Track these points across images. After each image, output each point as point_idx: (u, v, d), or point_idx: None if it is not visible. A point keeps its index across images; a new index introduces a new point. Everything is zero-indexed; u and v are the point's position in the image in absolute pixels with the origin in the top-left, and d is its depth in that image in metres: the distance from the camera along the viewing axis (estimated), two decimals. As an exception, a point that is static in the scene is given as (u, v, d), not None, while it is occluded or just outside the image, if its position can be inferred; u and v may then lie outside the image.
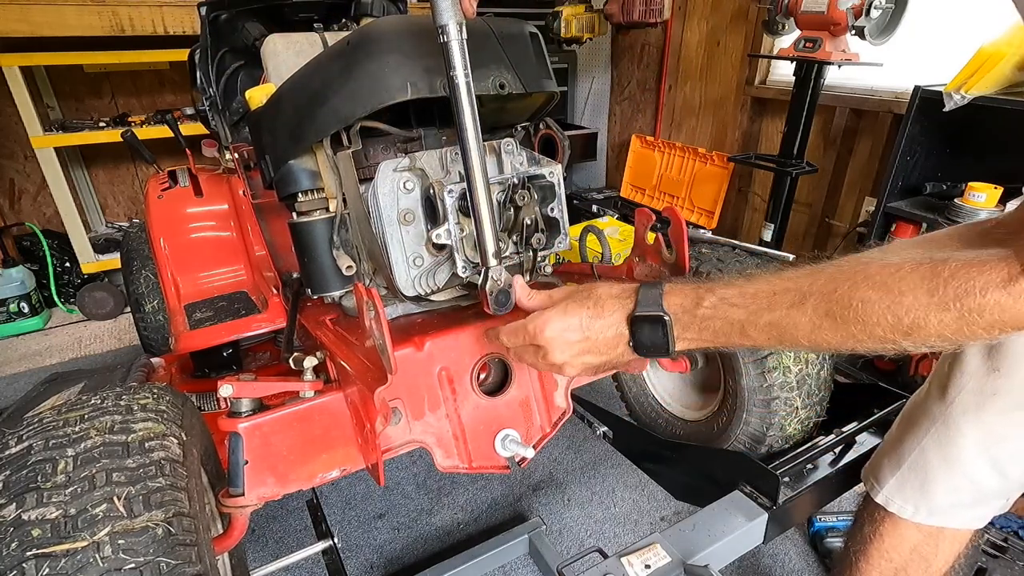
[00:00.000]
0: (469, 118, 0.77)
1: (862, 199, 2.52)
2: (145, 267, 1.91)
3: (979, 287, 0.56)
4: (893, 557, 1.03)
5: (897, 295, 0.60)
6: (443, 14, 0.71)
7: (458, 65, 0.74)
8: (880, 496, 1.01)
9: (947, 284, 0.57)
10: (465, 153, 0.79)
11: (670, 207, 0.95)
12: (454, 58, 0.74)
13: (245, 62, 1.34)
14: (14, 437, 0.70)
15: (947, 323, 0.58)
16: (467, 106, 0.76)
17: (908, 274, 0.60)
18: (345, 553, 1.59)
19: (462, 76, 0.75)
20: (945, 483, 0.94)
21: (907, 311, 0.59)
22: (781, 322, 0.67)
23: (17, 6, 2.38)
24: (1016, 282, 0.55)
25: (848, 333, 0.63)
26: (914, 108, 1.89)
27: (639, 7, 2.91)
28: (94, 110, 3.18)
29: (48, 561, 0.58)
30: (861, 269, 0.64)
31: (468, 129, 0.77)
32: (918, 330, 0.59)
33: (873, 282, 0.61)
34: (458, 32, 0.72)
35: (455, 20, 0.72)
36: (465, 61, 0.74)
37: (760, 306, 0.68)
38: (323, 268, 1.06)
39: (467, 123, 0.77)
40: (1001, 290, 0.55)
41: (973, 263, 0.57)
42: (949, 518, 0.97)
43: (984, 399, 0.88)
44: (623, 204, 3.52)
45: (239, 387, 0.85)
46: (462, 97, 0.76)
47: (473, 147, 0.78)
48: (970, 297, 0.56)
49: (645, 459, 1.54)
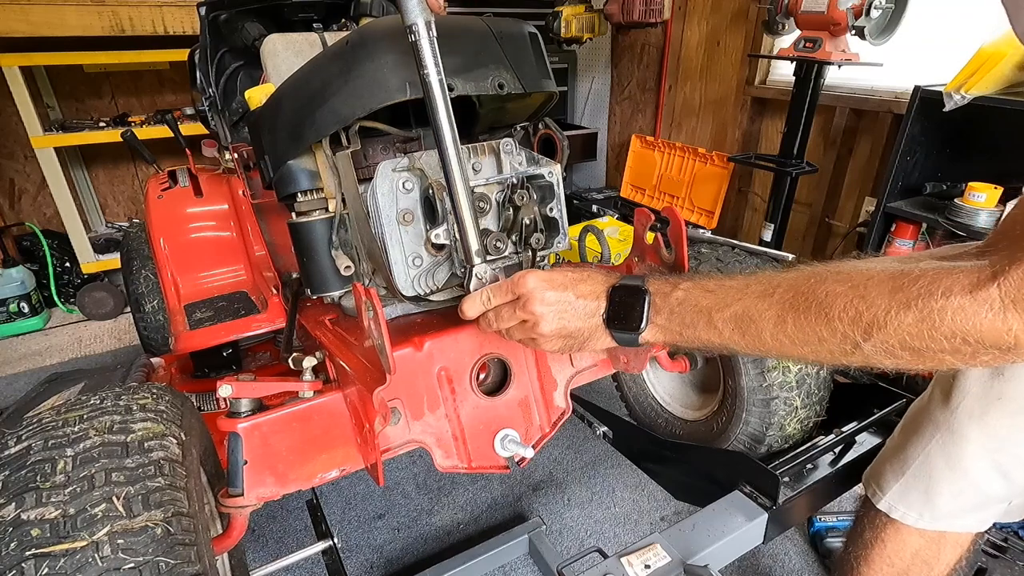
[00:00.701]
0: (444, 117, 0.77)
1: (862, 199, 2.52)
2: (145, 267, 1.91)
3: (943, 289, 0.54)
4: (895, 562, 1.02)
5: (862, 289, 0.59)
6: (411, 12, 0.71)
7: (429, 64, 0.74)
8: (883, 503, 1.00)
9: (913, 283, 0.56)
10: (442, 151, 0.79)
11: (669, 207, 0.95)
12: (425, 57, 0.73)
13: (245, 62, 1.34)
14: (14, 437, 0.70)
15: (907, 325, 0.56)
16: (441, 105, 0.76)
17: (877, 273, 0.59)
18: (345, 553, 1.59)
19: (434, 75, 0.74)
20: (950, 489, 0.93)
21: (868, 306, 0.58)
22: (748, 311, 0.66)
23: (17, 6, 2.38)
24: (983, 288, 0.52)
25: (810, 328, 0.62)
26: (914, 108, 1.89)
27: (639, 7, 2.91)
28: (94, 110, 3.18)
29: (47, 561, 0.58)
30: (834, 268, 0.64)
31: (443, 128, 0.77)
32: (877, 329, 0.57)
33: (841, 277, 0.61)
34: (427, 30, 0.72)
35: (423, 18, 0.72)
36: (436, 59, 0.74)
37: (730, 296, 0.68)
38: (322, 268, 1.06)
39: (442, 122, 0.77)
40: (966, 295, 0.53)
41: (943, 268, 0.56)
42: (952, 523, 0.96)
43: (989, 403, 0.87)
44: (623, 204, 3.52)
45: (238, 387, 0.85)
46: (435, 96, 0.76)
47: (449, 145, 0.78)
48: (932, 298, 0.54)
49: (645, 459, 1.54)
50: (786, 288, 0.64)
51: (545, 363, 1.08)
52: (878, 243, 2.09)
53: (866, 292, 0.58)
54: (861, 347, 0.59)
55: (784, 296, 0.64)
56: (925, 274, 0.56)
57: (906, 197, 2.04)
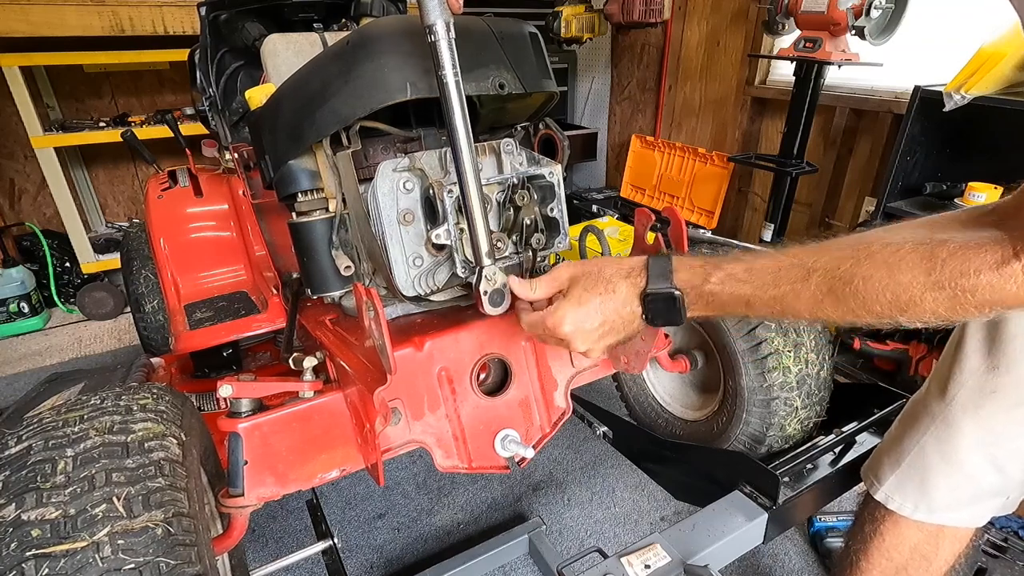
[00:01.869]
0: (459, 118, 0.77)
1: (862, 199, 2.52)
2: (145, 267, 1.91)
3: (973, 268, 0.59)
4: (894, 556, 1.03)
5: (896, 274, 0.63)
6: (431, 13, 0.71)
7: (447, 64, 0.74)
8: (880, 493, 1.02)
9: (943, 265, 0.60)
10: (456, 152, 0.79)
11: (670, 207, 0.95)
12: (443, 57, 0.74)
13: (245, 62, 1.34)
14: (14, 437, 0.70)
15: (941, 301, 0.61)
16: (457, 105, 0.76)
17: (908, 254, 0.63)
18: (345, 553, 1.59)
19: (451, 75, 0.75)
20: (944, 480, 0.94)
21: (904, 289, 0.62)
22: (785, 297, 0.70)
23: (17, 6, 2.38)
24: (1008, 264, 0.58)
25: (847, 308, 0.66)
26: (914, 108, 1.89)
27: (639, 7, 2.91)
28: (94, 110, 3.18)
29: (48, 561, 0.58)
30: (864, 248, 0.66)
31: (459, 128, 0.77)
32: (913, 307, 0.63)
33: (874, 261, 0.64)
34: (446, 31, 0.72)
35: (443, 19, 0.72)
36: (454, 60, 0.74)
37: (765, 282, 0.71)
38: (323, 268, 1.06)
39: (457, 122, 0.77)
40: (993, 271, 0.58)
41: (969, 245, 0.60)
42: (949, 516, 0.97)
43: (984, 397, 0.89)
44: (623, 204, 3.52)
45: (239, 387, 0.85)
46: (452, 96, 0.76)
47: (464, 146, 0.78)
48: (964, 278, 0.59)
49: (645, 459, 1.54)
50: (822, 275, 0.67)
51: (545, 363, 1.08)
52: (878, 243, 2.09)
53: (900, 276, 0.63)
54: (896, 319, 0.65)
55: (821, 283, 0.67)
56: (954, 254, 0.61)
57: (906, 197, 2.04)
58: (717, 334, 1.27)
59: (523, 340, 1.05)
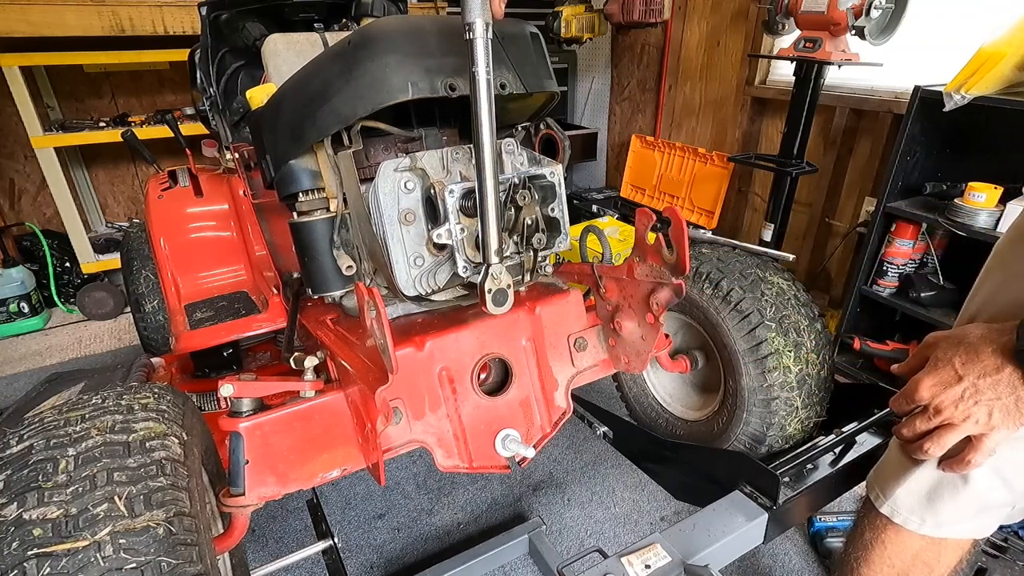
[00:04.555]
0: (486, 115, 0.77)
1: (862, 199, 2.52)
2: (145, 267, 1.91)
3: None
4: (895, 563, 1.02)
5: None
6: (472, 11, 0.72)
7: (481, 63, 0.75)
8: (885, 507, 1.00)
9: None
10: (479, 149, 0.79)
11: (670, 207, 0.95)
12: (478, 55, 0.74)
13: (245, 62, 1.34)
14: (15, 437, 0.70)
15: None
16: (486, 103, 0.77)
17: None
18: (345, 553, 1.59)
19: (483, 74, 0.75)
20: (952, 497, 0.92)
21: None
22: None
23: (17, 6, 2.38)
24: None
25: None
26: (914, 108, 1.89)
27: (639, 7, 2.91)
28: (94, 110, 3.18)
29: (49, 560, 0.58)
30: None
31: (484, 125, 0.78)
32: None
33: None
34: (485, 30, 0.73)
35: (483, 18, 0.72)
36: (488, 59, 0.75)
37: None
38: (324, 268, 1.06)
39: (484, 120, 0.78)
40: None
41: None
42: (955, 529, 0.96)
43: None
44: (623, 204, 3.52)
45: (240, 387, 0.85)
46: (481, 94, 0.76)
47: (487, 143, 0.79)
48: None
49: (645, 459, 1.54)
50: None
51: (546, 363, 1.08)
52: (878, 243, 2.09)
53: None
54: None
55: None
56: None
57: (906, 197, 2.04)
58: (717, 334, 1.27)
59: (523, 339, 1.05)
